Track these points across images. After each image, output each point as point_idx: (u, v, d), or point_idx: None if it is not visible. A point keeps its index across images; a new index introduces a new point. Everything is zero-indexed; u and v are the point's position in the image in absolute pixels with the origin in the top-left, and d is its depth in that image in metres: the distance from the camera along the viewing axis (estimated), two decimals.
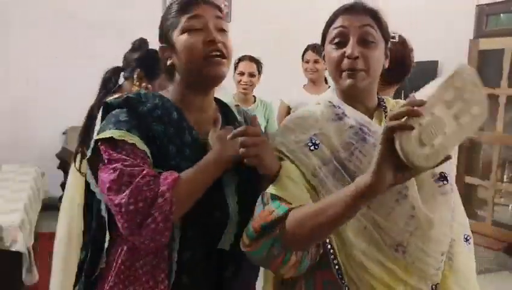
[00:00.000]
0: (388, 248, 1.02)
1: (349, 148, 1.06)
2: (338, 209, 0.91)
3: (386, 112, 1.14)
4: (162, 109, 1.09)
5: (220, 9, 1.16)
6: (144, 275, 1.06)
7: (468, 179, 4.52)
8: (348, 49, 1.06)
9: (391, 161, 0.84)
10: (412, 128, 0.82)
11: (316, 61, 3.28)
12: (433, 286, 1.05)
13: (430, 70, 4.40)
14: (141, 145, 1.03)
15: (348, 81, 1.07)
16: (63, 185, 4.31)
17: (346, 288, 1.03)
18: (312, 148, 1.07)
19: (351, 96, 1.12)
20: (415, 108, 0.83)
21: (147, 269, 1.06)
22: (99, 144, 1.05)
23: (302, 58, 3.37)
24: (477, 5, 4.58)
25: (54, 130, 4.48)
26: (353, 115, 1.10)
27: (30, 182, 3.62)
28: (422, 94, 0.88)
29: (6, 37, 4.38)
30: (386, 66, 1.16)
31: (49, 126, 4.47)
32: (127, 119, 1.06)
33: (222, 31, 1.12)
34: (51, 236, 3.35)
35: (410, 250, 1.02)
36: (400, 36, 1.86)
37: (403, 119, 0.83)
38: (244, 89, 3.13)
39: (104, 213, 1.11)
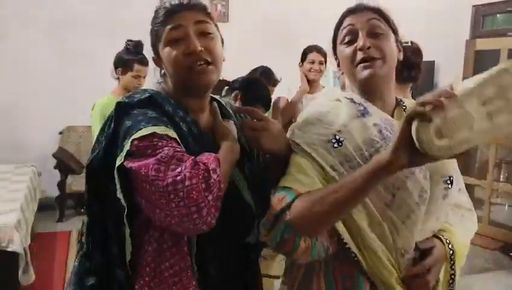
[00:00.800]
0: (394, 247, 1.04)
1: (374, 146, 1.04)
2: (349, 188, 0.94)
3: (405, 111, 1.14)
4: (180, 110, 1.09)
5: (205, 9, 1.13)
6: (170, 278, 1.02)
7: (465, 179, 4.44)
8: (360, 42, 1.07)
9: (408, 144, 0.86)
10: (430, 120, 0.83)
11: (321, 63, 3.32)
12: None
13: (426, 70, 4.40)
14: (178, 141, 1.00)
15: (366, 72, 1.07)
16: (59, 185, 4.31)
17: (362, 276, 1.05)
18: (336, 145, 1.05)
19: (370, 90, 1.11)
20: (442, 99, 0.84)
21: (174, 271, 1.02)
22: (135, 142, 0.96)
23: (303, 59, 3.36)
24: (473, 6, 4.59)
25: (50, 129, 4.47)
26: (376, 113, 1.09)
27: (27, 182, 3.60)
28: (461, 86, 0.88)
29: (2, 37, 4.37)
30: (401, 58, 1.16)
31: (46, 126, 4.47)
32: (157, 116, 1.02)
33: (205, 34, 1.08)
34: (48, 236, 3.36)
35: (408, 255, 1.05)
36: (413, 43, 1.98)
37: (427, 108, 0.84)
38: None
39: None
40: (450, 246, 1.11)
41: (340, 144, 1.05)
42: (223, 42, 1.15)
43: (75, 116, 4.33)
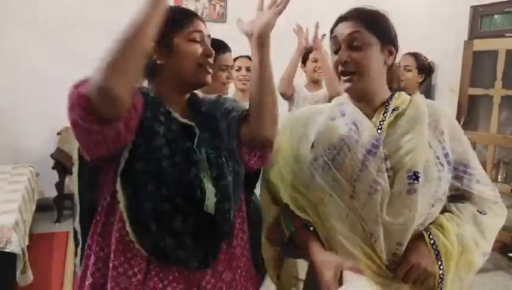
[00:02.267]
0: (366, 234, 1.15)
1: (340, 144, 1.20)
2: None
3: (387, 109, 1.22)
4: (155, 103, 1.20)
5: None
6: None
7: None
8: (339, 55, 1.21)
9: None
10: None
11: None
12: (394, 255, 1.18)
13: None
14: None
15: (345, 85, 1.22)
16: (57, 186, 4.30)
17: None
18: (310, 145, 1.27)
19: (354, 97, 1.26)
20: None
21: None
22: None
23: (305, 59, 3.28)
24: (471, 6, 4.60)
25: (48, 130, 4.46)
26: (351, 113, 1.24)
27: (24, 183, 3.59)
28: None
29: (0, 37, 4.35)
30: (389, 63, 1.24)
31: (44, 126, 4.45)
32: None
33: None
34: (46, 237, 3.35)
35: (379, 240, 1.14)
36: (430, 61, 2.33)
37: None
38: (243, 84, 2.99)
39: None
40: (434, 246, 1.15)
41: (312, 145, 1.27)
42: None
43: None
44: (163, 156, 1.12)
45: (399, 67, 2.79)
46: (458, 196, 1.25)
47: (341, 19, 1.24)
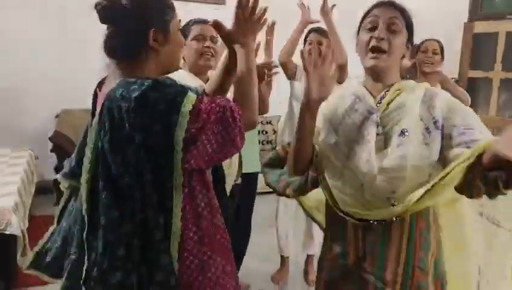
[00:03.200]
0: (356, 185, 1.34)
1: (343, 114, 1.41)
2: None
3: (389, 89, 1.39)
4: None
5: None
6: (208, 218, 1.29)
7: None
8: (377, 32, 1.34)
9: None
10: None
11: (319, 43, 3.20)
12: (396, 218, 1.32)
13: None
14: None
15: (371, 62, 1.35)
16: (56, 169, 4.30)
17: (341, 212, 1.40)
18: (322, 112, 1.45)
19: (372, 74, 1.41)
20: None
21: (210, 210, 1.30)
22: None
23: (305, 42, 3.26)
24: None
25: (46, 113, 4.45)
26: (357, 89, 1.44)
27: (23, 165, 3.60)
28: None
29: None
30: (406, 56, 1.41)
31: (42, 109, 4.44)
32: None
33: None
34: (45, 219, 3.36)
35: (366, 190, 1.32)
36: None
37: None
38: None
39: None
40: None
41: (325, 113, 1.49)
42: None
43: (71, 99, 4.31)
44: None
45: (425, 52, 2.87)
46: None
47: (381, 4, 1.39)
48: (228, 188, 2.03)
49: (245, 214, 2.75)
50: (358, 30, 1.44)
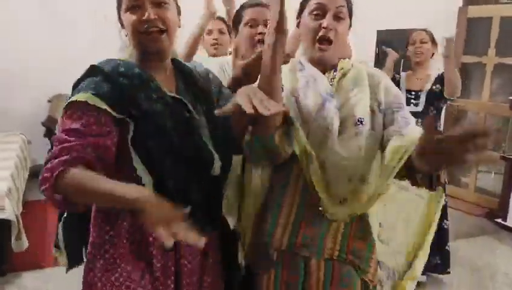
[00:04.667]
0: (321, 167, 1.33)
1: (298, 92, 1.38)
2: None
3: (335, 70, 1.42)
4: (125, 66, 1.20)
5: None
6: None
7: None
8: (325, 22, 1.33)
9: None
10: None
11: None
12: (341, 200, 1.34)
13: None
14: (97, 101, 1.12)
15: (319, 53, 1.36)
16: None
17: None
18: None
19: (319, 63, 1.40)
20: None
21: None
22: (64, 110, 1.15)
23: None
24: None
25: (39, 98, 4.41)
26: (309, 69, 1.41)
27: (16, 150, 3.59)
28: None
29: None
30: (347, 36, 1.42)
31: (34, 94, 4.40)
32: (87, 84, 1.17)
33: (159, 4, 1.20)
34: (39, 204, 3.37)
35: (327, 171, 1.32)
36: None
37: None
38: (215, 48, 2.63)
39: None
40: None
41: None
42: (179, 11, 1.29)
43: (64, 84, 4.24)
44: (170, 130, 1.19)
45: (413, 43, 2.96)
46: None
47: None
48: None
49: None
50: (303, 7, 1.40)
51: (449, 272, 2.91)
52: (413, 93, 2.99)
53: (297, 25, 1.44)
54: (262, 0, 1.86)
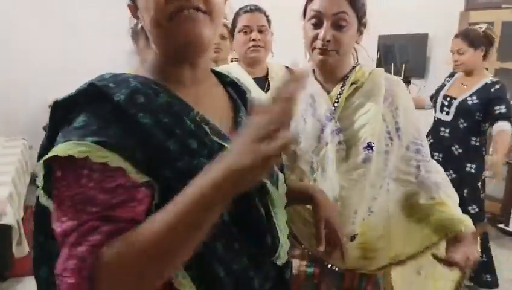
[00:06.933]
0: None
1: (297, 117, 1.25)
2: None
3: (345, 82, 1.26)
4: (143, 92, 0.73)
5: None
6: None
7: None
8: (321, 33, 1.18)
9: None
10: None
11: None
12: (352, 237, 1.22)
13: (420, 42, 4.39)
14: (118, 161, 0.66)
15: (319, 58, 1.21)
16: None
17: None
18: None
19: (322, 68, 1.27)
20: None
21: None
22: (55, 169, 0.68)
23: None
24: None
25: (40, 103, 4.42)
26: (310, 87, 1.27)
27: (18, 155, 3.59)
28: None
29: None
30: (360, 41, 1.27)
31: (36, 99, 4.41)
32: (89, 121, 0.68)
33: None
34: None
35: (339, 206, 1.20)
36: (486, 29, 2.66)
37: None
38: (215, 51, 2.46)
39: None
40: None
41: None
42: None
43: (65, 89, 4.26)
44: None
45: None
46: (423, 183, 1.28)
47: None
48: None
49: None
50: (304, 11, 1.26)
51: None
52: (448, 99, 2.80)
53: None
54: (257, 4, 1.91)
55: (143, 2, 0.76)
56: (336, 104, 1.24)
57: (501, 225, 3.93)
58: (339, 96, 1.24)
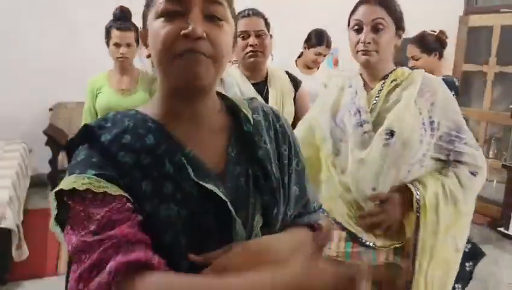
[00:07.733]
0: (344, 183, 1.46)
1: (345, 107, 1.49)
2: None
3: (385, 80, 1.49)
4: (132, 132, 0.77)
5: None
6: None
7: None
8: (362, 36, 1.42)
9: None
10: None
11: (325, 55, 3.32)
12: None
13: None
14: (115, 189, 0.72)
15: (363, 58, 1.44)
16: (51, 162, 4.29)
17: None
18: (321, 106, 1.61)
19: (366, 67, 1.49)
20: None
21: None
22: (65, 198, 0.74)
23: (309, 43, 3.28)
24: None
25: (40, 106, 4.42)
26: (355, 84, 1.52)
27: (17, 159, 3.59)
28: None
29: None
30: (399, 44, 1.50)
31: (36, 102, 4.41)
32: (85, 157, 0.75)
33: (212, 18, 0.77)
34: (40, 213, 3.36)
35: (355, 185, 1.43)
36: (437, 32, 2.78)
37: None
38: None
39: None
40: (418, 197, 1.40)
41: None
42: (236, 36, 0.87)
43: (65, 92, 4.28)
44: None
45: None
46: (450, 161, 1.47)
47: (362, 2, 1.45)
48: None
49: None
50: (349, 22, 1.50)
51: None
52: None
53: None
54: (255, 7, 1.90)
55: (153, 34, 0.78)
56: (376, 99, 1.46)
57: (501, 229, 3.93)
58: (379, 92, 1.47)
